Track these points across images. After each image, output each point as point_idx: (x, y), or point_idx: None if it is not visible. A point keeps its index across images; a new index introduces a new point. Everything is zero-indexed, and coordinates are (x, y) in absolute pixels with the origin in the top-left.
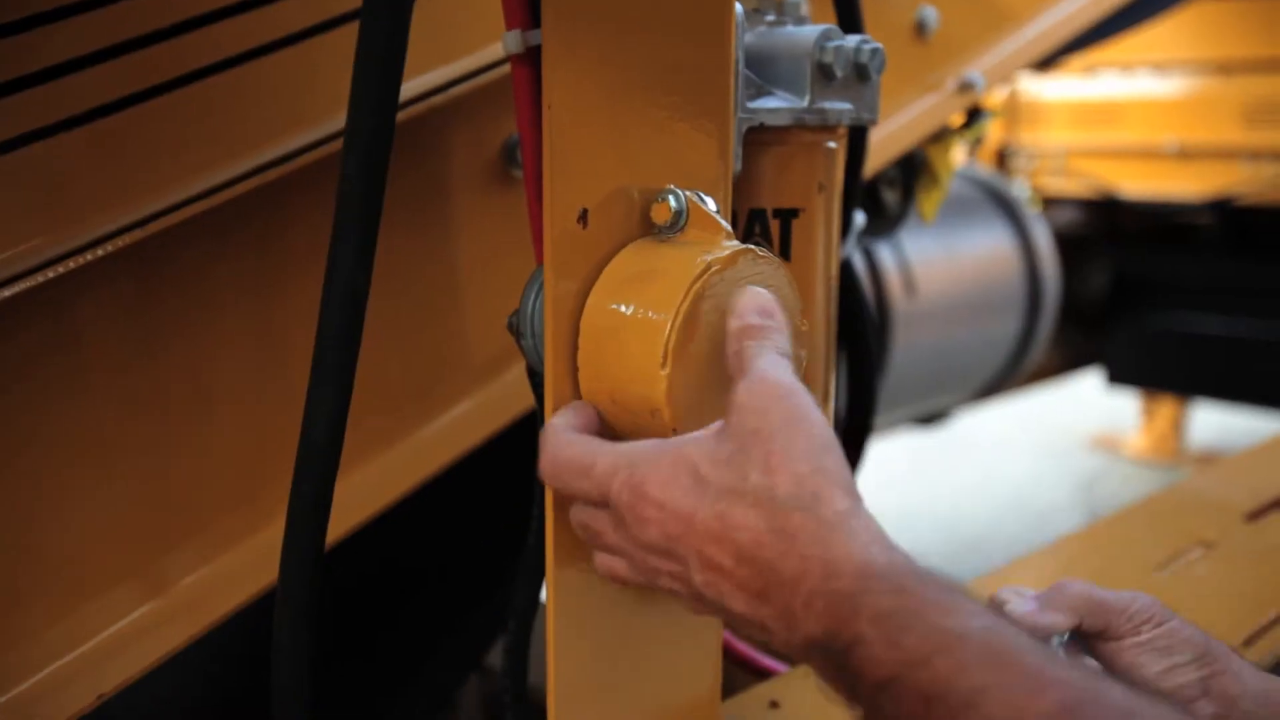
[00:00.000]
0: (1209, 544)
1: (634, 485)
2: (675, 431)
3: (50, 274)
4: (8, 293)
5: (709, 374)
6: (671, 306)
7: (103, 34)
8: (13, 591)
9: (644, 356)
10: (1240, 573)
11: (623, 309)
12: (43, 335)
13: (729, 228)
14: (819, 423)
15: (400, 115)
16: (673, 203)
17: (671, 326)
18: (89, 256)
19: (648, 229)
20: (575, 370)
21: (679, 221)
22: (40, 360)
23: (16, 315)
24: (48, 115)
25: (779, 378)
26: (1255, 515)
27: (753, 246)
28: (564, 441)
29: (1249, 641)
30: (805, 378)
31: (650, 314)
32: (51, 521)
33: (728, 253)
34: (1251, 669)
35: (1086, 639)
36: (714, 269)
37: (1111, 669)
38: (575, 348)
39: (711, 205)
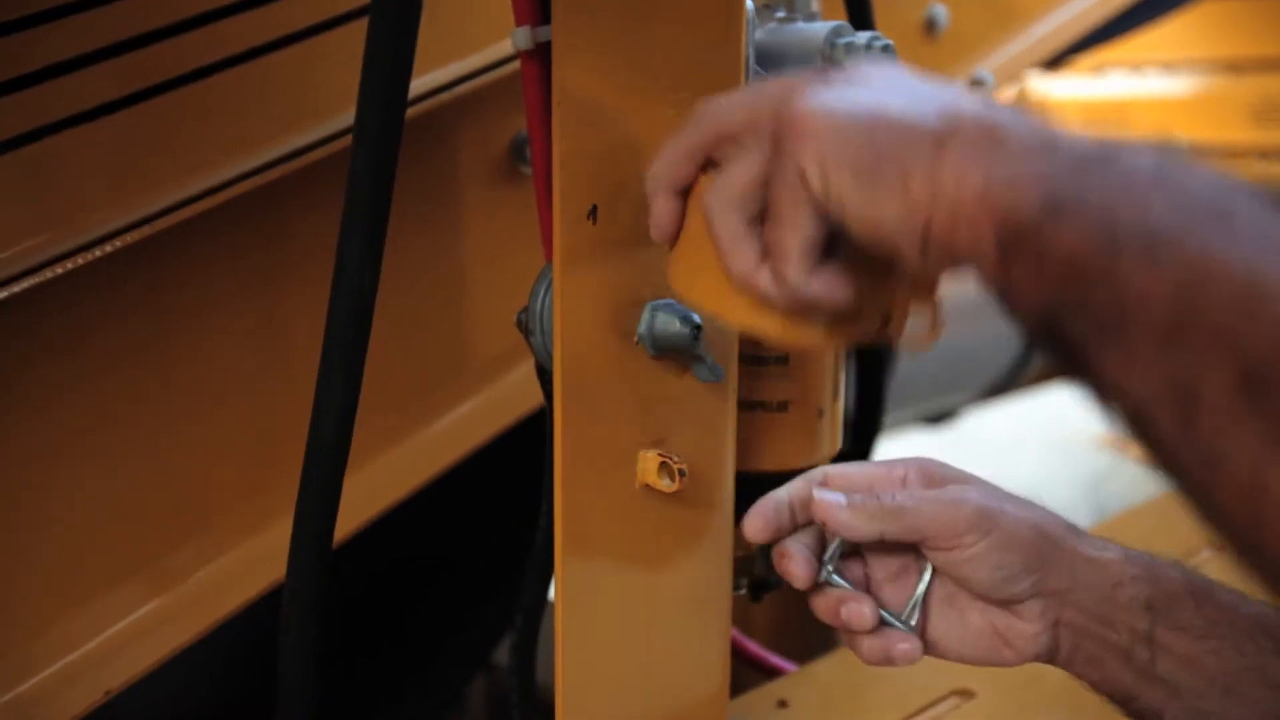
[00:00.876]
0: (1218, 545)
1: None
2: None
3: (52, 273)
4: (10, 291)
5: None
6: None
7: (104, 32)
8: (18, 588)
9: None
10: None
11: None
12: (45, 333)
13: None
14: None
15: (408, 112)
16: None
17: None
18: (92, 255)
19: None
20: (584, 367)
21: None
22: (43, 358)
23: (19, 313)
24: (50, 114)
25: None
26: None
27: None
28: None
29: None
30: (813, 377)
31: None
32: (57, 518)
33: None
34: (1087, 556)
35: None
36: None
37: (945, 577)
38: (584, 344)
39: None
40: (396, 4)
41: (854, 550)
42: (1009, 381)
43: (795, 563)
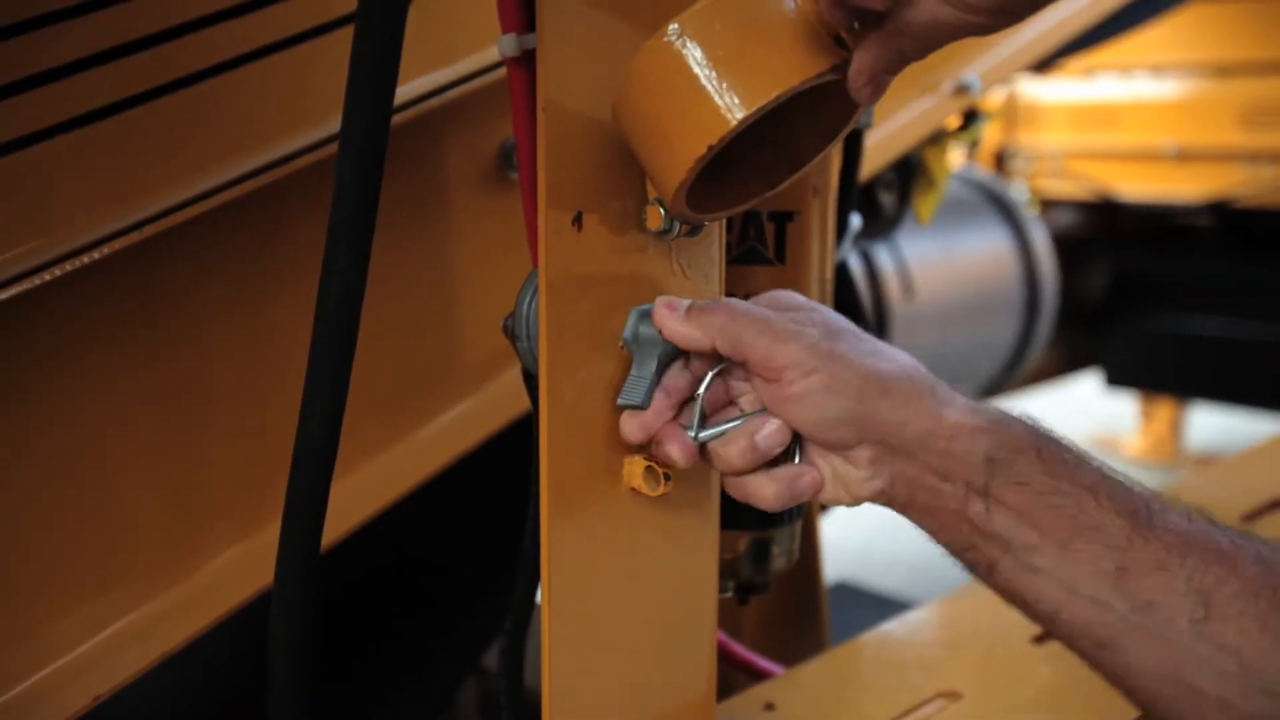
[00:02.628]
0: None
1: None
2: None
3: (47, 277)
4: (4, 295)
5: None
6: None
7: (98, 38)
8: (7, 593)
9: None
10: None
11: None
12: (41, 338)
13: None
14: None
15: (397, 118)
16: (662, 208)
17: None
18: (85, 260)
19: (644, 231)
20: (570, 372)
21: (670, 227)
22: (38, 363)
23: (14, 319)
24: (44, 119)
25: None
26: (1251, 517)
27: None
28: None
29: None
30: None
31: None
32: (48, 525)
33: None
34: (926, 409)
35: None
36: None
37: (776, 415)
38: (570, 349)
39: None
40: (382, 10)
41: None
42: (1000, 384)
43: (671, 443)
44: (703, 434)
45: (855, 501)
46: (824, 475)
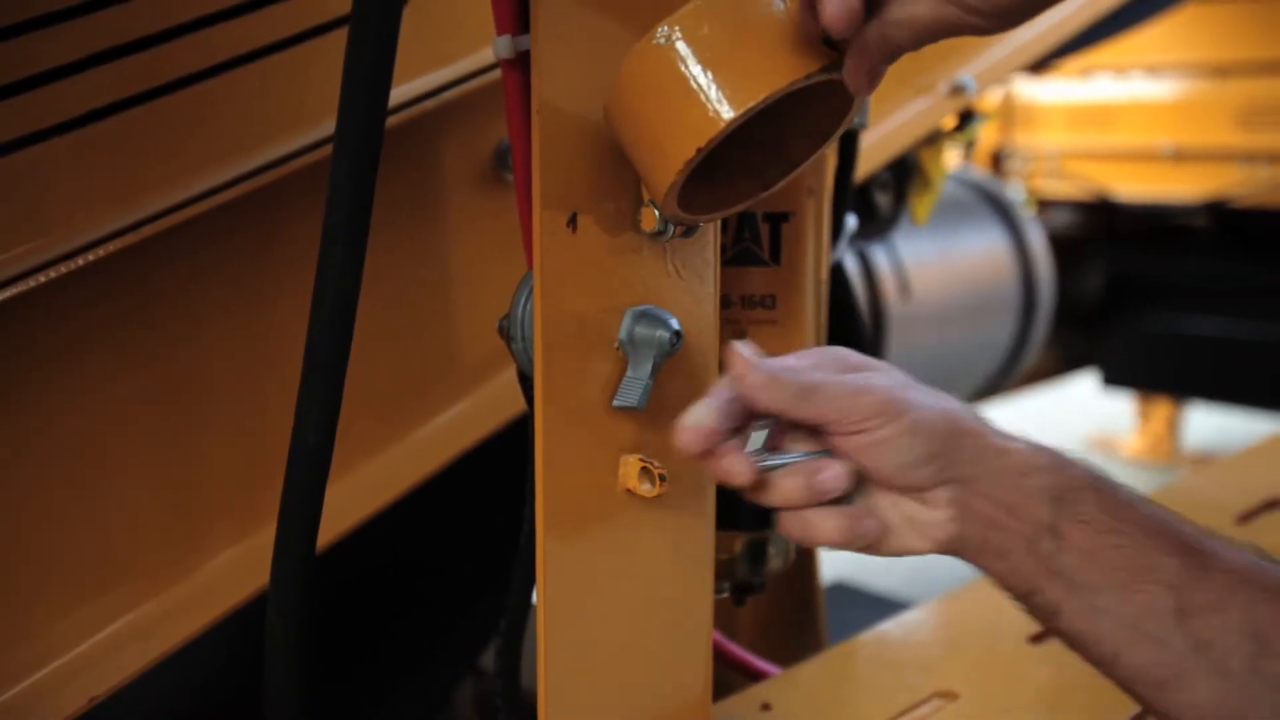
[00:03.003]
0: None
1: None
2: None
3: (44, 278)
4: (3, 296)
5: None
6: None
7: (95, 39)
8: (4, 595)
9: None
10: None
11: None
12: (38, 339)
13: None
14: None
15: (391, 120)
16: (656, 210)
17: None
18: (81, 260)
19: (638, 232)
20: (565, 374)
21: (665, 229)
22: (36, 364)
23: (11, 319)
24: (41, 120)
25: None
26: (1247, 517)
27: None
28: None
29: None
30: None
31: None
32: (45, 526)
33: None
34: (996, 445)
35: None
36: None
37: (857, 461)
38: (565, 350)
39: None
40: (377, 12)
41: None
42: (997, 384)
43: (733, 459)
44: (767, 461)
45: (929, 546)
46: (892, 522)
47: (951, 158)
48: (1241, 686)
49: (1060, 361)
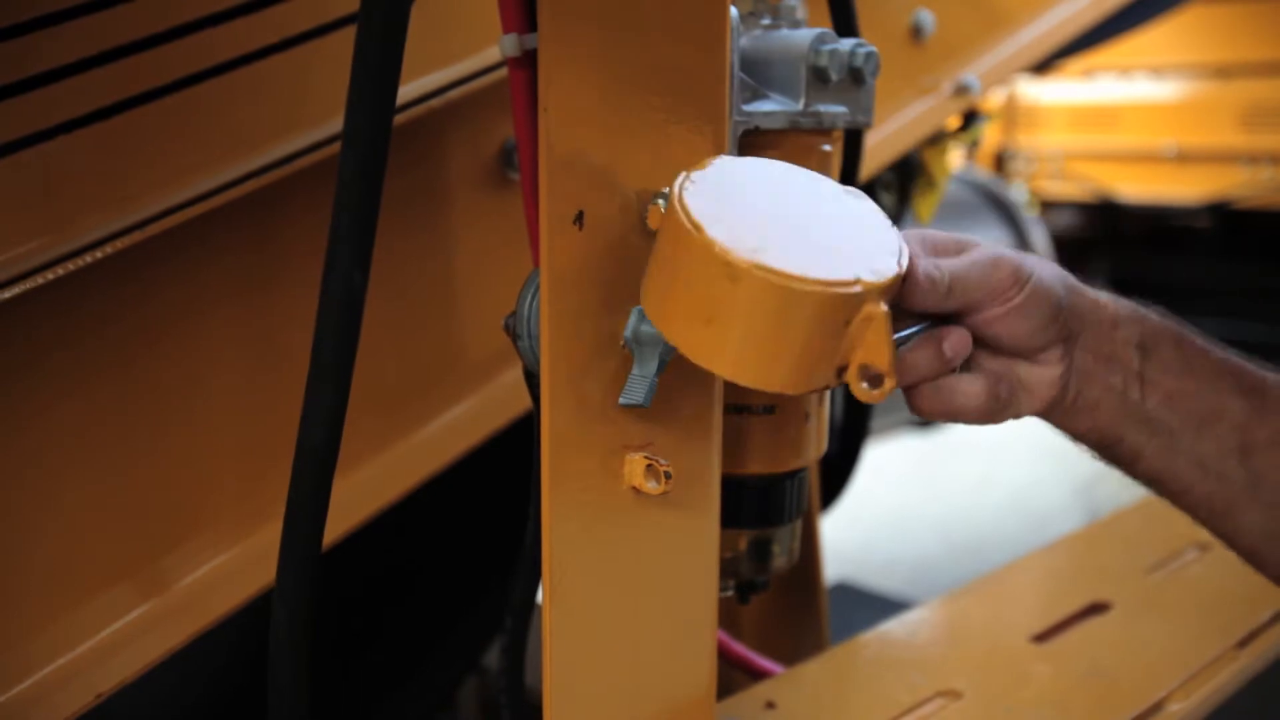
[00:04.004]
0: (1204, 546)
1: None
2: None
3: (48, 276)
4: (4, 296)
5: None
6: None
7: (100, 38)
8: (9, 591)
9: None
10: (1234, 574)
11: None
12: (41, 336)
13: None
14: None
15: (398, 118)
16: (664, 207)
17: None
18: (86, 260)
19: (645, 231)
20: (571, 371)
21: None
22: (38, 361)
23: (15, 317)
24: (43, 120)
25: None
26: None
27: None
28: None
29: (1243, 642)
30: None
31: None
32: (48, 521)
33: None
34: (1091, 298)
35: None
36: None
37: (980, 339)
38: (571, 348)
39: None
40: (384, 10)
41: None
42: None
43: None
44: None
45: (1037, 407)
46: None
47: (955, 158)
48: None
49: None
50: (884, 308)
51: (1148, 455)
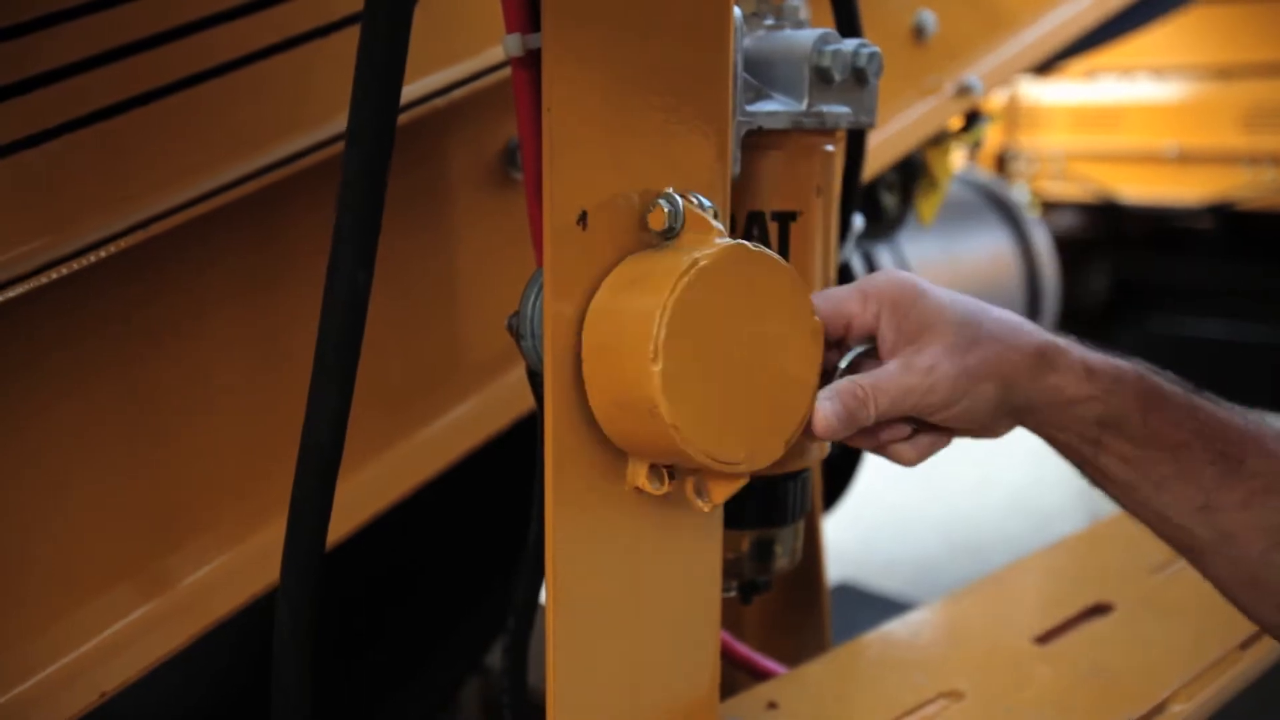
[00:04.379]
0: None
1: None
2: (676, 429)
3: (50, 276)
4: (6, 295)
5: (706, 369)
6: (659, 303)
7: (102, 38)
8: (14, 590)
9: (636, 354)
10: None
11: (615, 315)
12: (43, 336)
13: (722, 229)
14: None
15: (402, 118)
16: (666, 208)
17: (659, 322)
18: (88, 260)
19: (647, 231)
20: (576, 371)
21: (674, 226)
22: (41, 361)
23: (17, 317)
24: (48, 119)
25: None
26: None
27: (746, 243)
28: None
29: (1245, 644)
30: None
31: (639, 314)
32: (53, 521)
33: (715, 249)
34: (1050, 384)
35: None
36: (700, 264)
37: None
38: (575, 349)
39: (709, 207)
40: (388, 10)
41: None
42: None
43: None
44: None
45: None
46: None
47: (957, 158)
48: (1255, 570)
49: None
50: None
51: (1109, 492)
